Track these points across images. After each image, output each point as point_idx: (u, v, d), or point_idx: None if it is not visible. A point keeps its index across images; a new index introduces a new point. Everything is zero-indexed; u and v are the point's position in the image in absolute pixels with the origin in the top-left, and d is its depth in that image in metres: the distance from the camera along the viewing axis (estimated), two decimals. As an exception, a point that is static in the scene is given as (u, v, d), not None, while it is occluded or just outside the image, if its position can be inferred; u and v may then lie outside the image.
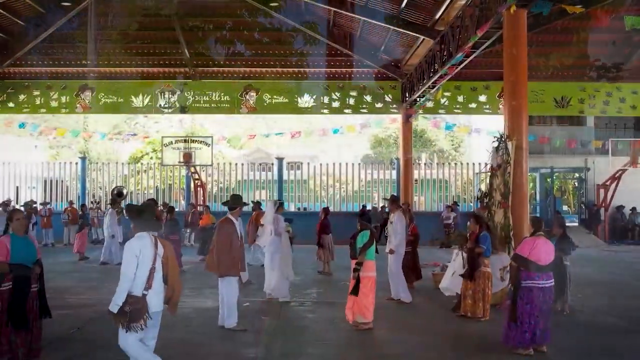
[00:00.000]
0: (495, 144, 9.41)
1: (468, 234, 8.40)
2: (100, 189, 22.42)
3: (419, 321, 7.71)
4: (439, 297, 9.31)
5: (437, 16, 13.86)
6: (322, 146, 52.30)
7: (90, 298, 9.01)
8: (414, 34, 15.07)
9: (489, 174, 9.73)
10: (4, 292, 5.00)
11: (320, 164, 22.25)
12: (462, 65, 13.15)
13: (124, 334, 4.43)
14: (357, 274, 7.06)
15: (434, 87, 15.74)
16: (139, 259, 4.48)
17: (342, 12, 15.22)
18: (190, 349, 6.13)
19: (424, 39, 15.30)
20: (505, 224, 8.82)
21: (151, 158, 31.57)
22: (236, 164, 22.97)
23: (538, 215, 22.65)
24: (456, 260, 9.19)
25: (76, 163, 21.38)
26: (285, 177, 20.80)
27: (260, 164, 24.39)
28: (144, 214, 4.72)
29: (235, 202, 7.05)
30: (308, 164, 22.78)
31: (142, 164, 28.13)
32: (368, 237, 7.20)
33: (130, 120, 58.09)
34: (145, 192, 24.25)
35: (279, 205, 9.38)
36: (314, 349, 6.20)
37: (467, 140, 37.54)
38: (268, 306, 8.39)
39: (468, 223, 8.60)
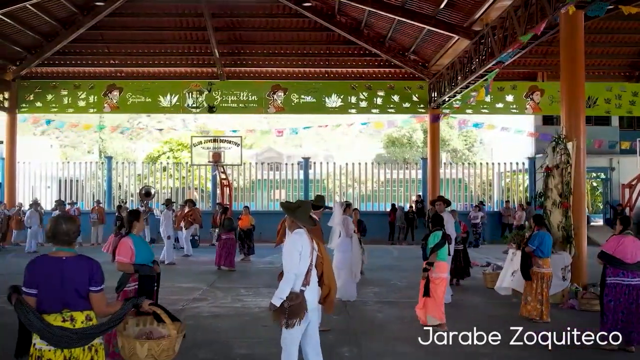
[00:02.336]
0: (553, 144, 9.48)
1: (527, 234, 8.46)
2: (120, 188, 22.47)
3: (487, 321, 7.72)
4: (496, 296, 9.38)
5: (476, 16, 13.89)
6: (334, 146, 52.46)
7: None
8: (449, 33, 15.10)
9: (544, 174, 9.78)
10: (129, 291, 5.05)
11: (338, 163, 22.37)
12: (503, 65, 13.18)
13: (285, 330, 4.44)
14: (427, 274, 7.10)
15: (467, 87, 15.77)
16: (301, 255, 4.44)
17: (378, 11, 15.22)
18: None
19: (458, 39, 15.35)
20: (567, 223, 8.87)
21: (168, 158, 31.64)
22: (256, 164, 23.07)
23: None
24: (513, 260, 9.27)
25: (102, 162, 21.43)
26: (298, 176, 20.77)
27: (276, 163, 24.39)
28: (300, 210, 4.67)
29: (319, 202, 7.14)
30: (327, 163, 22.84)
31: (161, 163, 28.24)
32: (440, 238, 7.23)
33: (133, 119, 58.14)
34: (165, 191, 24.30)
35: (346, 206, 9.37)
36: (403, 348, 6.24)
37: (482, 140, 37.69)
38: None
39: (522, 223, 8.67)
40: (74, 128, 26.04)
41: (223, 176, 19.26)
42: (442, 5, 14.00)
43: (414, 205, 20.15)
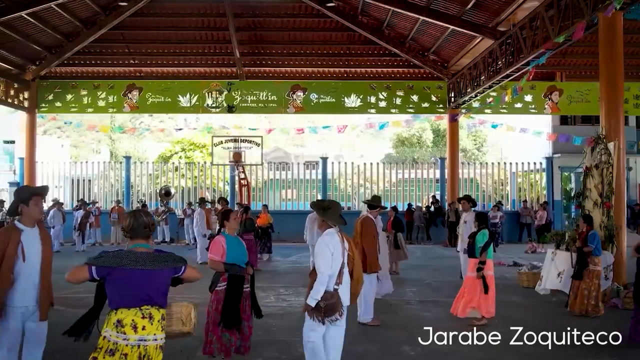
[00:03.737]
0: (591, 145, 9.51)
1: (577, 234, 8.51)
2: (132, 187, 22.50)
3: (533, 318, 7.76)
4: (534, 294, 9.42)
5: (503, 16, 13.92)
6: (335, 146, 52.52)
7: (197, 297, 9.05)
8: (474, 33, 15.13)
9: (583, 174, 9.81)
10: (219, 291, 5.06)
11: (356, 164, 22.43)
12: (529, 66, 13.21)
13: (308, 329, 4.53)
14: (482, 272, 7.16)
15: (490, 87, 15.81)
16: (332, 255, 4.50)
17: (403, 11, 15.25)
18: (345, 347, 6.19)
19: (482, 39, 15.37)
20: (609, 223, 8.91)
21: (180, 157, 31.66)
22: (268, 163, 23.09)
23: (573, 215, 22.81)
24: (555, 260, 9.32)
25: (120, 162, 21.46)
26: (309, 176, 20.72)
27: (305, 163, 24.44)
28: (331, 210, 4.71)
29: (376, 201, 7.19)
30: (339, 163, 22.81)
31: (173, 163, 28.29)
32: (488, 236, 7.31)
33: (135, 119, 58.15)
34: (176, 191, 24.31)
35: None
36: (464, 347, 6.25)
37: (490, 140, 37.75)
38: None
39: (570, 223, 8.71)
40: (78, 128, 26.03)
41: (242, 176, 19.31)
42: (469, 6, 14.02)
43: (431, 205, 20.18)
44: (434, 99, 19.17)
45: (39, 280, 4.19)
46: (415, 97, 19.13)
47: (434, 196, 20.65)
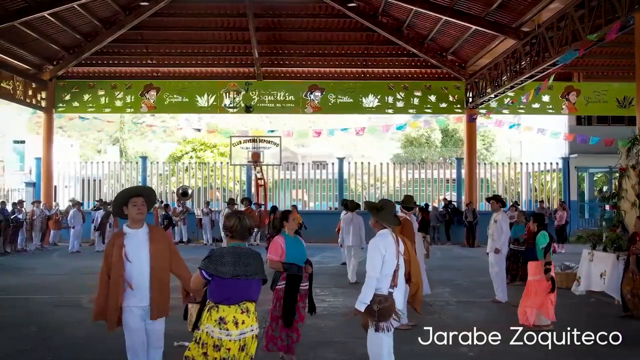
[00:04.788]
0: (628, 145, 9.51)
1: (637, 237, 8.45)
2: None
3: (590, 321, 7.73)
4: (570, 295, 9.41)
5: (527, 17, 13.92)
6: (337, 145, 52.44)
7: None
8: (497, 34, 15.13)
9: (619, 174, 9.81)
10: (279, 290, 5.13)
11: (373, 163, 22.43)
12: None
13: (373, 334, 4.42)
14: (550, 274, 7.09)
15: (512, 87, 15.81)
16: (385, 257, 4.41)
17: (426, 12, 15.25)
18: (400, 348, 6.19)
19: (504, 39, 15.38)
20: (649, 223, 8.88)
21: (191, 157, 31.64)
22: (283, 164, 23.00)
23: (588, 215, 22.86)
24: (594, 261, 9.29)
25: (131, 162, 21.42)
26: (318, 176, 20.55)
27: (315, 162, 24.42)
28: (384, 210, 4.65)
29: (411, 202, 7.21)
30: (348, 163, 22.72)
31: (183, 162, 28.25)
32: (548, 237, 7.27)
33: (137, 118, 58.12)
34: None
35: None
36: (520, 348, 6.25)
37: (498, 140, 37.77)
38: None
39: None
40: (83, 128, 25.96)
41: (260, 176, 19.28)
42: (494, 7, 14.02)
43: (447, 206, 20.15)
44: (451, 99, 19.18)
45: (149, 281, 4.19)
46: (432, 98, 19.15)
47: (445, 199, 20.59)
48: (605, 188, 25.11)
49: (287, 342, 5.22)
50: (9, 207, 16.31)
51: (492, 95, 16.97)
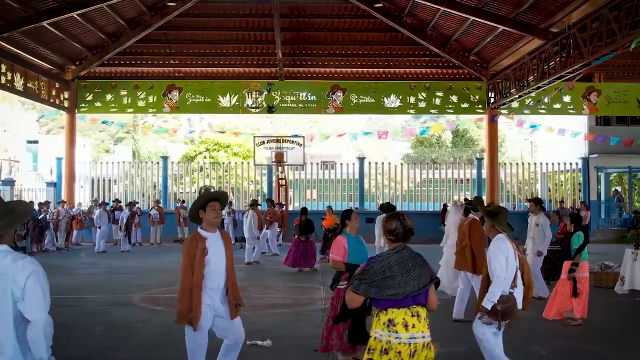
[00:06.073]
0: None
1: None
2: (154, 187, 22.50)
3: (631, 320, 7.80)
4: (613, 294, 9.46)
5: (557, 18, 13.96)
6: (338, 145, 52.59)
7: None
8: (525, 34, 15.17)
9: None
10: (341, 289, 5.15)
11: (393, 164, 22.50)
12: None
13: (477, 324, 4.61)
14: (572, 274, 7.18)
15: (538, 88, 15.87)
16: (507, 260, 4.59)
17: (454, 12, 15.30)
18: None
19: (531, 39, 15.42)
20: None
21: (205, 157, 31.67)
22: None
23: (603, 216, 22.88)
24: (637, 260, 9.36)
25: (157, 162, 21.48)
26: (335, 176, 20.55)
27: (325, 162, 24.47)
28: (500, 215, 4.81)
29: (481, 204, 7.25)
30: (367, 163, 22.74)
31: (197, 162, 28.28)
32: (583, 239, 7.36)
33: (139, 118, 58.06)
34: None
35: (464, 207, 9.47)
36: (589, 345, 6.31)
37: (504, 140, 37.85)
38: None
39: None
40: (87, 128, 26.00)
41: (282, 176, 19.34)
42: (523, 8, 14.07)
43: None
44: (472, 99, 19.23)
45: (224, 282, 4.33)
46: (454, 98, 19.20)
47: (465, 198, 20.60)
48: (619, 188, 25.24)
49: (348, 342, 5.21)
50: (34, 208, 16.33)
51: (517, 96, 17.02)
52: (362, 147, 50.41)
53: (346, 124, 60.24)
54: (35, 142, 32.58)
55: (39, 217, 15.57)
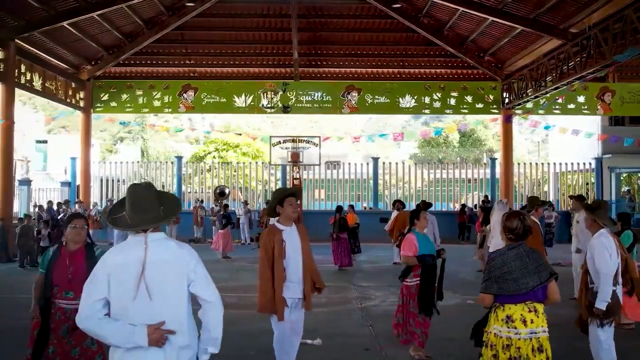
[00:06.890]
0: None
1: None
2: (163, 187, 22.51)
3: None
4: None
5: (578, 18, 14.01)
6: (338, 144, 52.70)
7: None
8: (544, 34, 15.22)
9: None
10: (410, 287, 5.48)
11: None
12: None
13: (595, 328, 4.56)
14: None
15: (557, 88, 15.91)
16: (611, 256, 4.52)
17: (473, 12, 15.34)
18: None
19: (549, 40, 15.47)
20: None
21: (214, 157, 31.71)
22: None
23: (614, 215, 22.83)
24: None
25: (171, 162, 21.50)
26: (343, 176, 20.58)
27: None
28: (601, 209, 4.79)
29: (536, 202, 7.33)
30: (379, 163, 22.72)
31: (205, 162, 28.34)
32: (632, 237, 7.34)
33: (140, 118, 58.03)
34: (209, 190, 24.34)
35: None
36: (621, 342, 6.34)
37: (516, 140, 37.85)
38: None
39: None
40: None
41: (297, 176, 19.37)
42: (544, 8, 14.11)
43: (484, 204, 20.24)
44: (487, 99, 19.28)
45: (302, 275, 4.46)
46: (469, 98, 19.24)
47: (486, 196, 20.66)
48: (629, 188, 25.27)
49: (422, 338, 5.46)
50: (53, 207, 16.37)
51: (533, 96, 17.06)
52: (367, 147, 50.54)
53: (346, 123, 60.35)
54: (45, 142, 32.59)
55: (58, 217, 15.60)
